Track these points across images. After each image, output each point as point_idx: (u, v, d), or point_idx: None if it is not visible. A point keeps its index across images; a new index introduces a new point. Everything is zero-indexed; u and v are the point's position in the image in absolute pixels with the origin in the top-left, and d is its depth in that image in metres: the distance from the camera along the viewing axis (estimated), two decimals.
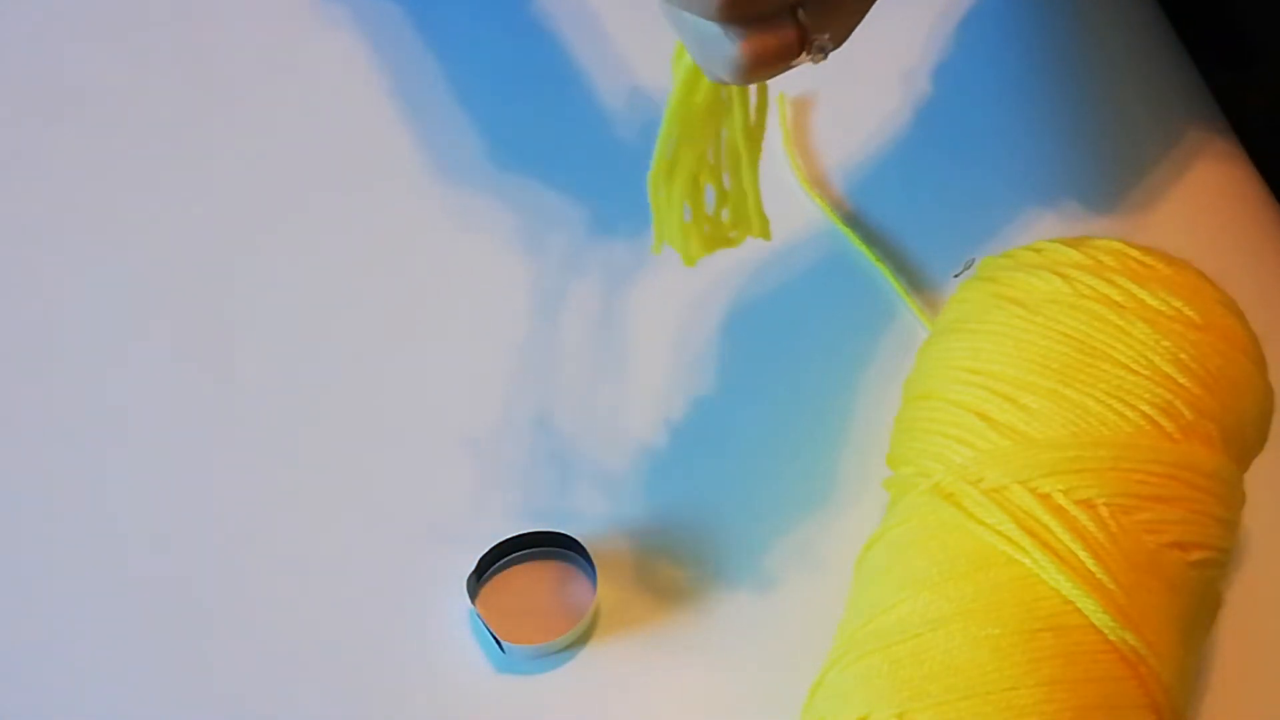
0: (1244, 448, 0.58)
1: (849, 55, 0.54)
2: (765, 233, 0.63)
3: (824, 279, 0.69)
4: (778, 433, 0.66)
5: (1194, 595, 0.56)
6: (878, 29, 0.55)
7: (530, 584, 0.63)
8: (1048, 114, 0.75)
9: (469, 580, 0.62)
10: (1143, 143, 0.74)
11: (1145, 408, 0.55)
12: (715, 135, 0.59)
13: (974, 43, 0.76)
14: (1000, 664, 0.53)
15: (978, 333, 0.58)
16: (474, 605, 0.62)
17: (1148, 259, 0.58)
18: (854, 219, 0.72)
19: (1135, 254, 0.59)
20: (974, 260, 0.64)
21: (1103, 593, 0.53)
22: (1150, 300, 0.57)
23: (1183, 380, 0.56)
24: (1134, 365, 0.56)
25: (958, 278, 0.65)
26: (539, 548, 0.64)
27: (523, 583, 0.63)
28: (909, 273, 0.70)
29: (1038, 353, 0.57)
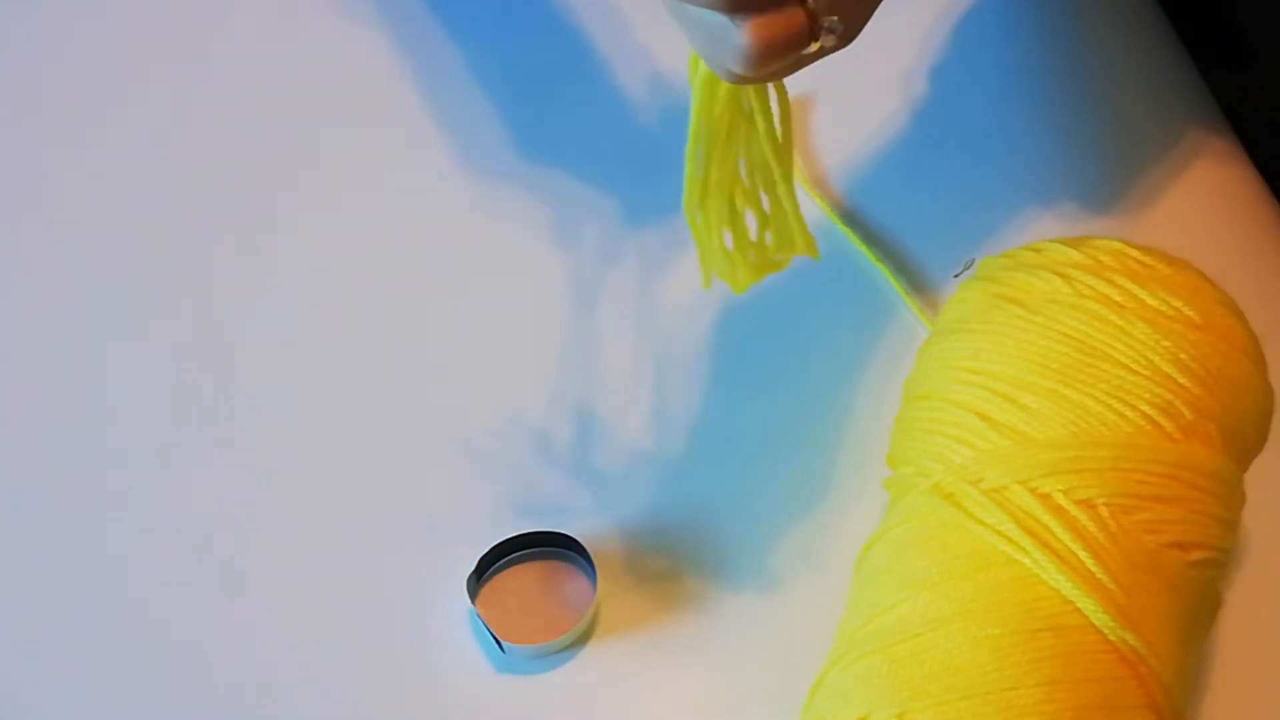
0: (1244, 448, 0.58)
1: (848, 55, 0.54)
2: (812, 250, 0.63)
3: (824, 279, 0.69)
4: (778, 433, 0.66)
5: (1194, 595, 0.56)
6: (877, 29, 0.55)
7: (530, 584, 0.63)
8: (1048, 114, 0.75)
9: (469, 580, 0.62)
10: (1143, 143, 0.74)
11: (1145, 408, 0.55)
12: (742, 150, 0.59)
13: (974, 42, 0.76)
14: (1000, 664, 0.53)
15: (978, 333, 0.58)
16: (474, 605, 0.62)
17: (1148, 259, 0.58)
18: (854, 218, 0.72)
19: (1135, 254, 0.59)
20: (974, 260, 0.64)
21: (1103, 593, 0.53)
22: (1150, 300, 0.57)
23: (1183, 380, 0.56)
24: (1134, 365, 0.56)
25: (958, 278, 0.65)
26: (539, 548, 0.64)
27: (523, 583, 0.63)
28: (909, 273, 0.70)
29: (1038, 353, 0.57)
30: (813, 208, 0.72)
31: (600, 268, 0.70)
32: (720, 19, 0.49)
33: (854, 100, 0.74)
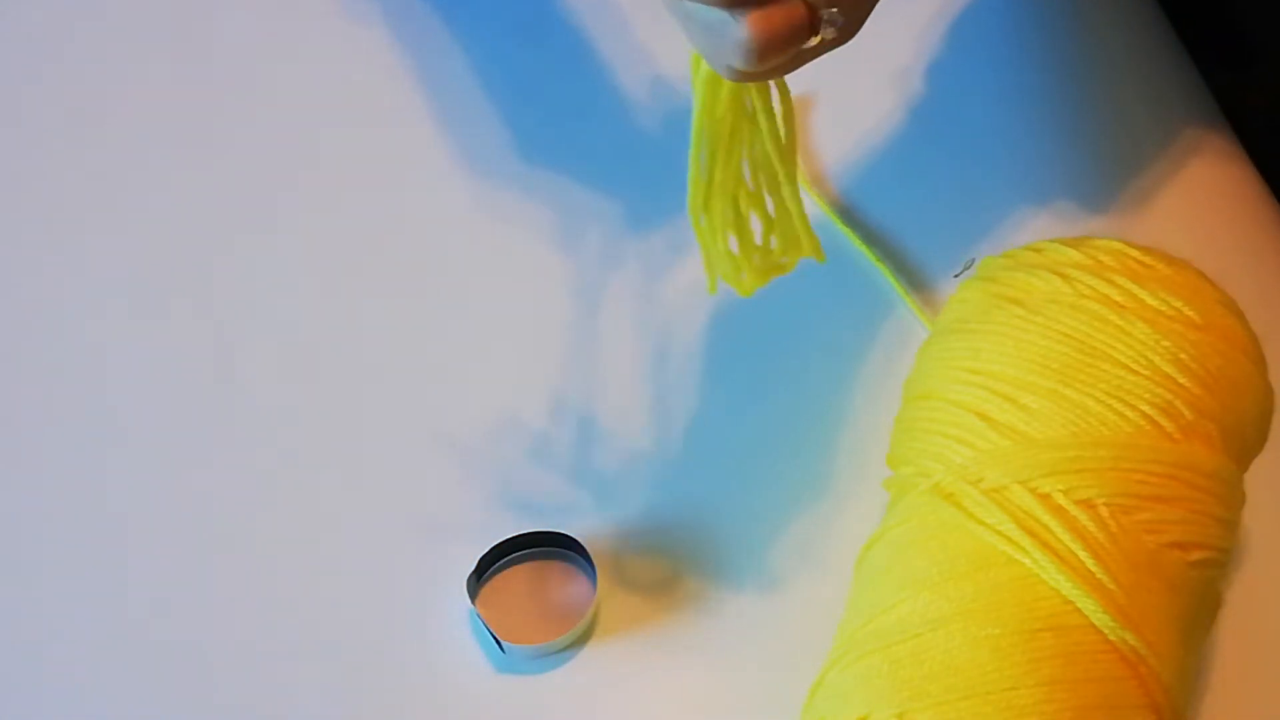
0: (1244, 448, 0.58)
1: (848, 54, 0.54)
2: (817, 252, 0.63)
3: (824, 279, 0.69)
4: (778, 432, 0.66)
5: (1194, 595, 0.56)
6: (876, 28, 0.55)
7: (530, 584, 0.63)
8: (1047, 113, 0.75)
9: (469, 580, 0.62)
10: (1142, 143, 0.74)
11: (1145, 408, 0.55)
12: (745, 151, 0.59)
13: (974, 42, 0.76)
14: (1000, 664, 0.53)
15: (978, 333, 0.58)
16: (474, 605, 0.62)
17: (1148, 259, 0.58)
18: (853, 218, 0.72)
19: (1135, 254, 0.59)
20: (974, 260, 0.64)
21: (1103, 593, 0.53)
22: (1150, 300, 0.57)
23: (1183, 380, 0.56)
24: (1134, 365, 0.56)
25: (958, 278, 0.65)
26: (539, 548, 0.64)
27: (523, 583, 0.63)
28: (908, 272, 0.70)
29: (1038, 353, 0.57)
30: (812, 207, 0.72)
31: (600, 269, 0.70)
32: (720, 14, 0.49)
33: (853, 100, 0.74)
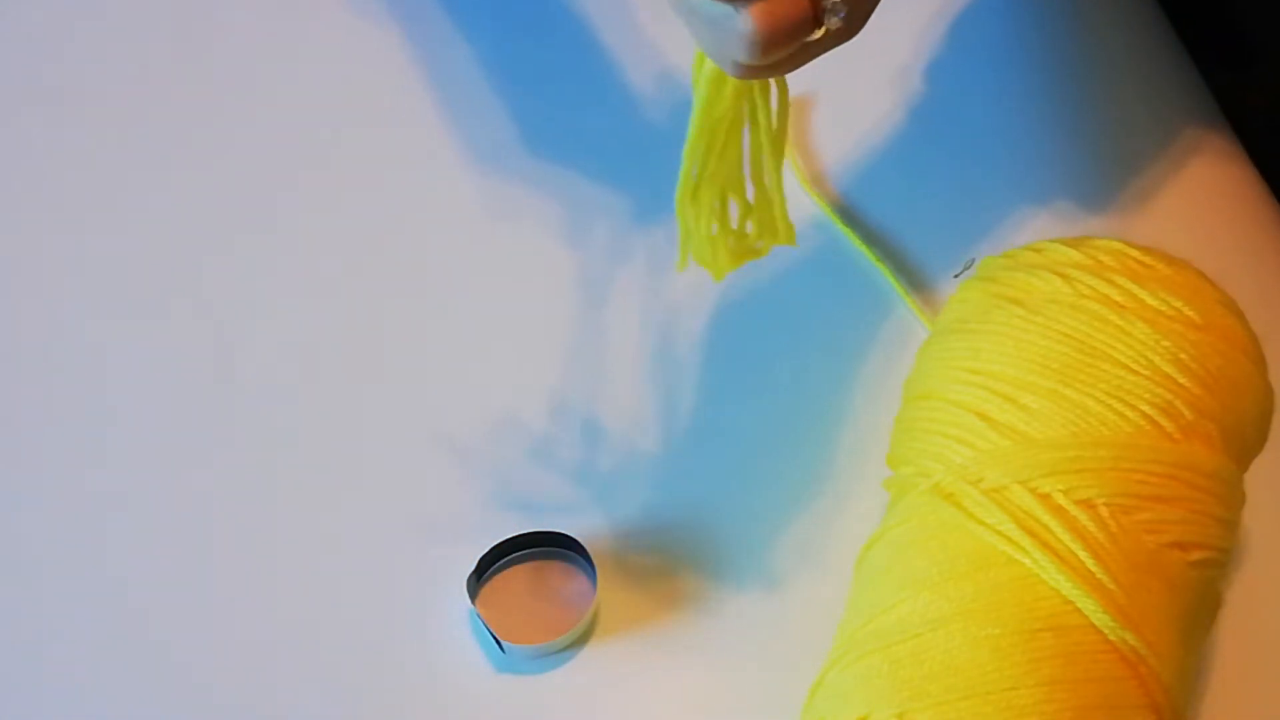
0: (1244, 448, 0.58)
1: (848, 54, 0.54)
2: (791, 239, 0.63)
3: (823, 278, 0.69)
4: (778, 432, 0.66)
5: (1194, 595, 0.56)
6: (877, 27, 0.55)
7: (530, 584, 0.63)
8: (1047, 113, 0.75)
9: (469, 580, 0.62)
10: (1142, 142, 0.74)
11: (1145, 408, 0.55)
12: (739, 148, 0.59)
13: (974, 42, 0.76)
14: (1000, 664, 0.53)
15: (978, 333, 0.58)
16: (474, 605, 0.62)
17: (1148, 259, 0.58)
18: (853, 218, 0.72)
19: (1135, 254, 0.59)
20: (974, 260, 0.64)
21: (1103, 593, 0.53)
22: (1150, 300, 0.57)
23: (1183, 380, 0.56)
24: (1134, 365, 0.56)
25: (958, 278, 0.65)
26: (539, 548, 0.64)
27: (523, 583, 0.63)
28: (908, 272, 0.70)
29: (1038, 353, 0.57)
30: (813, 207, 0.72)
31: (600, 269, 0.70)
32: (723, 8, 0.49)
33: (853, 100, 0.74)
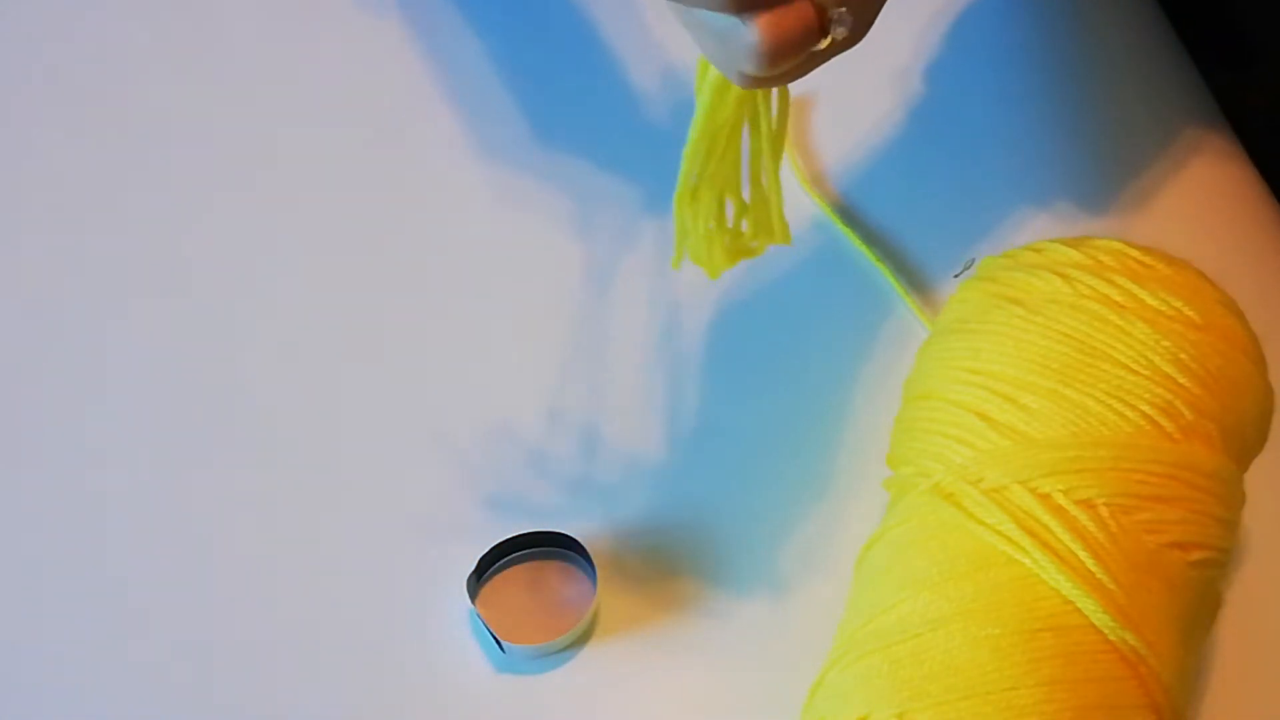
0: (1244, 448, 0.58)
1: (848, 55, 0.54)
2: (786, 238, 0.63)
3: (823, 278, 0.69)
4: (778, 432, 0.66)
5: (1194, 595, 0.56)
6: (876, 28, 0.55)
7: (530, 584, 0.63)
8: (1047, 113, 0.75)
9: (469, 580, 0.62)
10: (1142, 143, 0.74)
11: (1145, 408, 0.55)
12: (739, 151, 0.59)
13: (973, 42, 0.76)
14: (1000, 664, 0.53)
15: (978, 333, 0.58)
16: (474, 605, 0.62)
17: (1148, 259, 0.58)
18: (853, 218, 0.72)
19: (1135, 254, 0.59)
20: (974, 260, 0.64)
21: (1103, 593, 0.53)
22: (1150, 300, 0.57)
23: (1183, 380, 0.56)
24: (1134, 365, 0.56)
25: (958, 278, 0.65)
26: (539, 548, 0.64)
27: (523, 583, 0.63)
28: (908, 272, 0.70)
29: (1038, 353, 0.57)
30: (813, 207, 0.72)
31: (603, 266, 0.70)
32: (730, 20, 0.49)
33: (853, 100, 0.74)
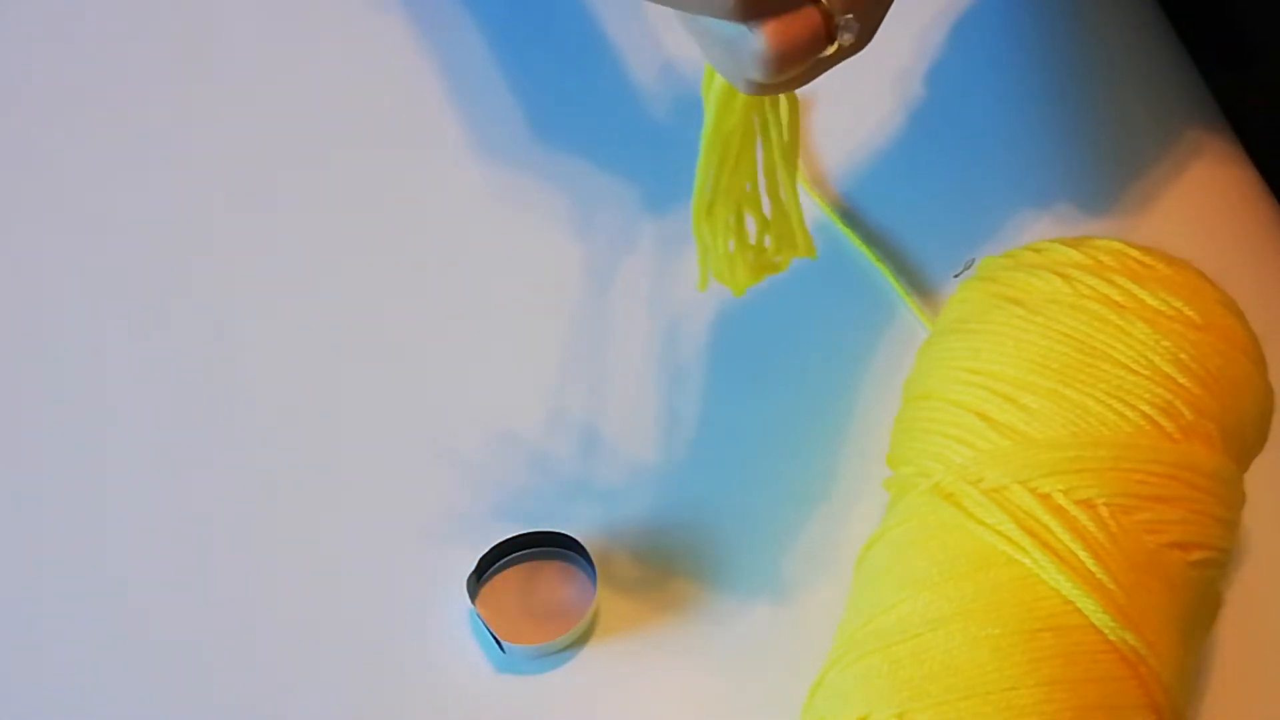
0: (1244, 448, 0.58)
1: None
2: (811, 251, 0.63)
3: (824, 278, 0.69)
4: (778, 433, 0.66)
5: (1194, 595, 0.56)
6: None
7: (530, 584, 0.63)
8: (1048, 114, 0.75)
9: (469, 580, 0.62)
10: (1142, 143, 0.74)
11: (1145, 408, 0.55)
12: (753, 161, 0.59)
13: (974, 42, 0.76)
14: (1000, 664, 0.53)
15: (978, 333, 0.58)
16: (474, 605, 0.62)
17: (1148, 259, 0.58)
18: (853, 218, 0.72)
19: (1135, 254, 0.59)
20: (974, 260, 0.64)
21: (1103, 593, 0.53)
22: (1150, 300, 0.57)
23: (1183, 380, 0.56)
24: (1134, 365, 0.56)
25: (958, 278, 0.65)
26: (539, 548, 0.63)
27: (523, 583, 0.63)
28: (908, 272, 0.70)
29: (1038, 353, 0.57)
30: (813, 208, 0.72)
31: (599, 270, 0.70)
32: (737, 28, 0.49)
33: (854, 101, 0.74)
